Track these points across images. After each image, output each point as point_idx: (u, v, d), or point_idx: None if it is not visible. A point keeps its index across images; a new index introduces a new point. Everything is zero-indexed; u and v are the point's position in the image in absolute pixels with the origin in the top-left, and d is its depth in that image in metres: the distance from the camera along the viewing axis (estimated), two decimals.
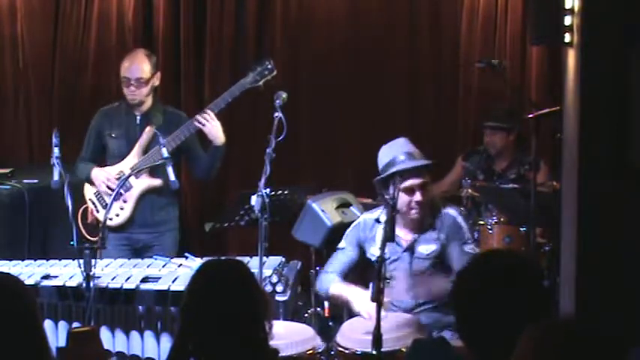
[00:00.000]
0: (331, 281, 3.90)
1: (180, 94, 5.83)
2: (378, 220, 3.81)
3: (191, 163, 4.69)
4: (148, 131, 4.46)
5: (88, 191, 4.55)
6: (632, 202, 3.43)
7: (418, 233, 3.83)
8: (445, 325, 3.70)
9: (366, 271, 4.27)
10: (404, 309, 3.78)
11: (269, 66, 4.47)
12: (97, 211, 4.52)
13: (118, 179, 4.41)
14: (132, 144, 4.49)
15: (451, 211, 3.85)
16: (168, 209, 4.58)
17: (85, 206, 4.56)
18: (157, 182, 4.47)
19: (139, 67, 4.49)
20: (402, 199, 3.74)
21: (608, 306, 3.39)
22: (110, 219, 4.39)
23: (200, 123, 4.43)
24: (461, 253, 3.73)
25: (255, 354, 2.50)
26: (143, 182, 4.47)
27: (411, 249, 3.81)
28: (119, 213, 4.47)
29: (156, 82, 4.55)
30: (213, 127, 4.44)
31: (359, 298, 3.70)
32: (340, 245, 3.98)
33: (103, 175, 4.48)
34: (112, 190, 4.37)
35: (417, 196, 3.75)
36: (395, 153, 3.78)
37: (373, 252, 3.79)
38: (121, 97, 4.60)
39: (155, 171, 4.40)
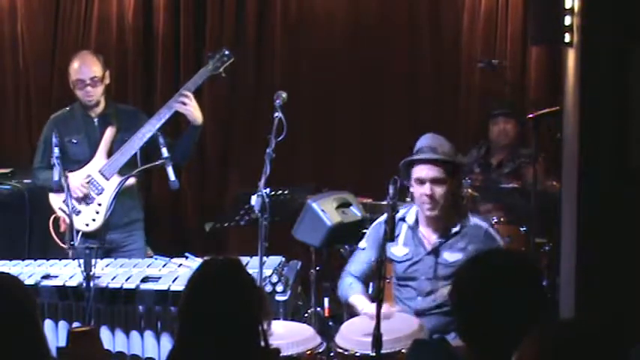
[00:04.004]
0: (351, 289, 3.82)
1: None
2: (403, 219, 3.79)
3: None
4: (110, 132, 4.45)
5: (55, 200, 4.45)
6: (632, 201, 3.43)
7: (441, 237, 3.74)
8: (451, 329, 3.65)
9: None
10: (416, 311, 3.74)
11: (226, 52, 4.56)
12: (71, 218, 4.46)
13: (87, 183, 4.38)
14: (94, 147, 4.46)
15: (482, 223, 3.76)
16: (137, 209, 4.60)
17: (54, 215, 4.44)
18: (130, 181, 4.38)
19: (89, 67, 4.49)
20: (416, 191, 3.73)
21: (608, 306, 3.39)
22: (86, 225, 4.38)
23: (182, 103, 4.43)
24: None
25: (255, 353, 2.50)
26: (115, 183, 4.37)
27: (435, 252, 3.73)
28: (95, 218, 4.40)
29: (107, 80, 4.56)
30: (193, 107, 4.46)
31: (366, 307, 3.66)
32: (361, 245, 3.91)
33: (77, 181, 4.38)
34: (87, 196, 4.37)
35: (426, 189, 3.68)
36: (420, 145, 3.77)
37: (393, 251, 3.75)
38: (72, 102, 4.59)
39: (125, 170, 4.37)
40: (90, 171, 4.43)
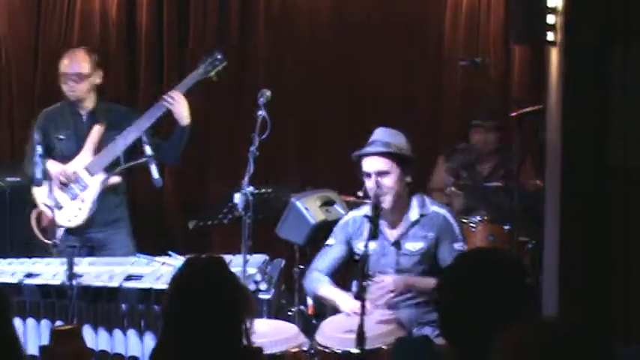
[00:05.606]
0: (320, 281, 3.89)
1: (163, 89, 5.80)
2: (367, 216, 3.82)
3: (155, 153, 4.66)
4: (98, 129, 4.46)
5: (39, 195, 4.45)
6: (612, 198, 3.46)
7: (401, 229, 3.80)
8: (426, 322, 3.71)
9: (352, 267, 4.28)
10: (388, 305, 3.77)
11: (219, 56, 4.52)
12: (53, 213, 4.45)
13: (72, 174, 4.39)
14: (81, 143, 4.47)
15: (440, 209, 3.83)
16: (122, 207, 4.59)
17: (37, 210, 4.45)
18: (115, 179, 4.44)
19: (78, 63, 4.51)
20: (367, 184, 3.78)
21: (591, 303, 3.41)
22: (69, 220, 4.37)
23: (168, 102, 4.43)
24: (450, 251, 3.73)
25: (238, 352, 2.50)
26: (99, 180, 4.41)
27: (397, 245, 3.80)
28: (77, 214, 4.40)
29: (97, 80, 4.56)
30: (181, 106, 4.45)
31: (345, 300, 3.74)
32: (329, 242, 3.96)
33: (59, 167, 4.43)
34: (66, 184, 4.38)
35: (370, 182, 3.74)
36: (370, 140, 3.81)
37: (360, 247, 3.78)
38: (55, 99, 4.61)
39: (110, 168, 4.38)
40: (75, 167, 4.43)
